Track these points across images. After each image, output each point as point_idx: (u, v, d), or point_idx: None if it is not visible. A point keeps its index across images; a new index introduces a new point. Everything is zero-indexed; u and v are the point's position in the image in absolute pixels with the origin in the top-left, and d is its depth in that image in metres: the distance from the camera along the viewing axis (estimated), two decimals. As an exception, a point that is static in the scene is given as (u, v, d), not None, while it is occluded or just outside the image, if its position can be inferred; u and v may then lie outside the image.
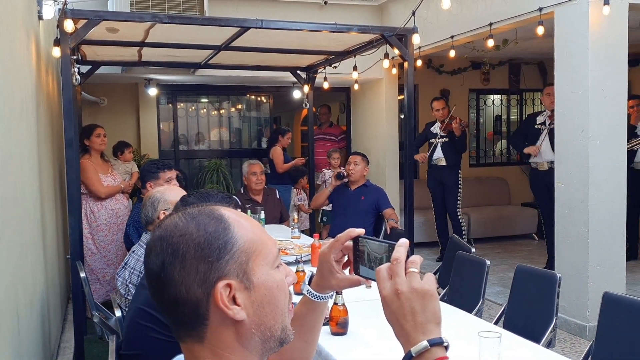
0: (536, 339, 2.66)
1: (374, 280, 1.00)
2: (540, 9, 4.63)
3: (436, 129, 6.71)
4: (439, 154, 6.76)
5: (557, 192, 4.61)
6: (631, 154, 6.01)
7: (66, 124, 3.72)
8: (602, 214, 4.33)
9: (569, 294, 4.43)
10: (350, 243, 1.16)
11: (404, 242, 0.98)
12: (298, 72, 6.06)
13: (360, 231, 1.15)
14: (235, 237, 0.93)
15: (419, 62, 6.09)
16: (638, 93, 7.22)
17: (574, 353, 3.99)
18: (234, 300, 0.91)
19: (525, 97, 8.98)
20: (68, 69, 3.67)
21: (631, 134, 6.08)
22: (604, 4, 4.17)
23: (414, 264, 0.96)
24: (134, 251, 2.81)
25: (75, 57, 3.87)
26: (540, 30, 4.76)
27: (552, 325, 2.72)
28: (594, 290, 4.23)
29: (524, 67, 8.68)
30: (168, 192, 2.75)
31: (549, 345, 2.71)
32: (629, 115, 5.87)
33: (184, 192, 2.71)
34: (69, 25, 3.48)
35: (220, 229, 0.92)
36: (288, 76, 6.25)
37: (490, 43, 5.27)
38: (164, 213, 2.63)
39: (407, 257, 0.97)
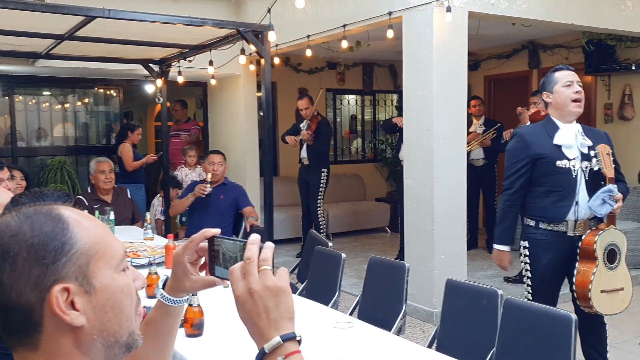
0: (388, 326, 2.79)
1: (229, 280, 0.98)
2: (389, 13, 4.85)
3: (305, 126, 6.80)
4: (304, 153, 6.86)
5: (406, 187, 4.88)
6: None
7: None
8: (445, 207, 4.65)
9: (417, 282, 4.70)
10: (205, 244, 1.14)
11: (255, 239, 0.98)
12: (150, 65, 5.80)
13: (216, 231, 1.13)
14: (75, 238, 0.86)
15: (277, 60, 6.12)
16: (476, 94, 7.84)
17: (423, 338, 4.24)
18: (72, 305, 0.84)
19: (378, 98, 9.41)
20: None
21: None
22: (447, 11, 4.46)
23: (266, 262, 0.96)
24: None
25: None
26: (390, 33, 4.99)
27: (401, 313, 2.86)
28: (439, 278, 4.53)
29: (377, 69, 9.08)
30: None
31: (400, 332, 2.85)
32: (470, 115, 6.37)
33: (7, 192, 2.44)
34: None
35: (58, 229, 0.86)
36: (140, 69, 5.96)
37: (344, 44, 5.44)
38: None
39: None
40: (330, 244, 3.82)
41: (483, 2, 4.69)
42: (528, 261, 3.08)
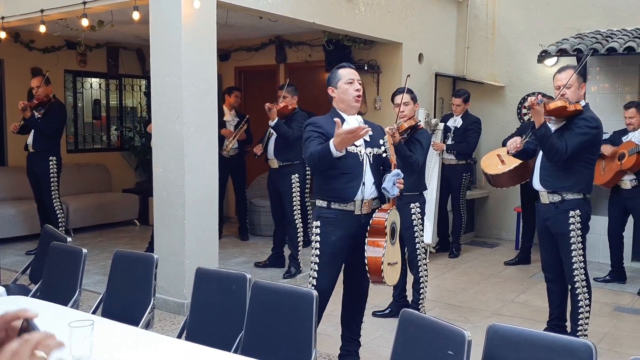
0: (135, 322, 2.65)
1: None
2: (135, -7, 4.62)
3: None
4: (30, 138, 6.17)
5: (155, 176, 4.71)
6: (221, 140, 6.60)
7: None
8: (197, 196, 4.61)
9: (168, 274, 4.59)
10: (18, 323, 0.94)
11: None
12: None
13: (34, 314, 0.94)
14: None
15: (3, 34, 5.40)
16: (229, 85, 7.94)
17: (173, 330, 4.15)
18: None
19: (125, 82, 8.93)
20: None
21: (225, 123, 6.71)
22: (195, -2, 4.40)
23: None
24: None
25: None
26: (135, 15, 4.75)
27: (150, 307, 2.75)
28: (190, 268, 4.45)
29: (123, 52, 8.60)
30: None
31: (148, 326, 2.73)
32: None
33: None
34: None
35: None
36: None
37: (85, 22, 5.03)
38: None
39: None
40: (69, 239, 3.50)
41: (231, -8, 4.74)
42: (319, 239, 3.26)
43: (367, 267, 3.12)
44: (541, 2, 7.32)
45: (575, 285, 3.79)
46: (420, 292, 4.44)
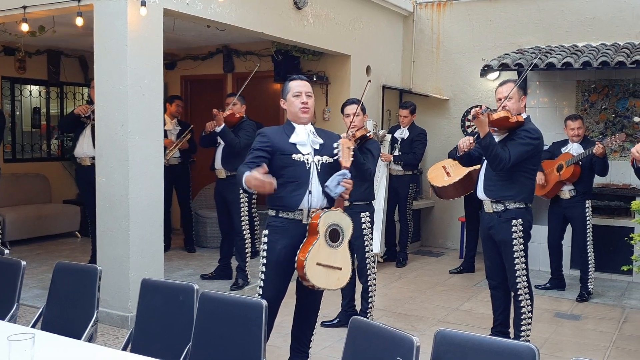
0: (77, 336, 2.56)
1: None
2: (79, 0, 4.51)
3: None
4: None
5: (99, 186, 4.58)
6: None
7: None
8: (141, 206, 4.50)
9: (111, 287, 4.46)
10: None
11: None
12: None
13: None
14: None
15: None
16: (173, 94, 7.83)
17: (117, 344, 4.02)
18: None
19: (66, 90, 8.67)
20: None
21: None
22: (141, 5, 4.33)
23: None
24: None
25: None
26: (79, 21, 4.64)
27: (93, 320, 2.66)
28: (135, 281, 4.36)
29: (64, 59, 8.35)
30: None
31: (91, 339, 2.64)
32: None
33: None
34: None
35: None
36: None
37: (25, 28, 4.87)
38: None
39: None
40: (6, 251, 3.36)
41: (179, 0, 4.69)
42: (266, 248, 3.23)
43: (295, 261, 3.10)
44: (484, 18, 7.57)
45: (518, 292, 3.90)
46: (369, 300, 4.46)
